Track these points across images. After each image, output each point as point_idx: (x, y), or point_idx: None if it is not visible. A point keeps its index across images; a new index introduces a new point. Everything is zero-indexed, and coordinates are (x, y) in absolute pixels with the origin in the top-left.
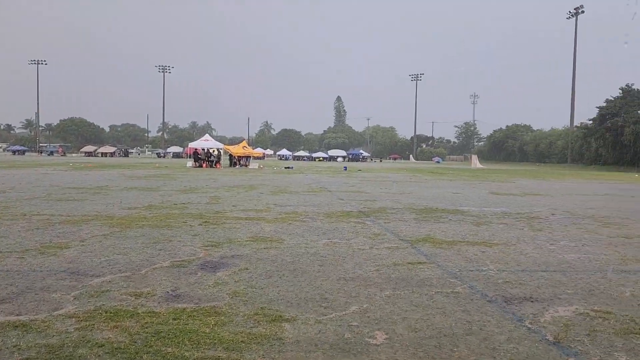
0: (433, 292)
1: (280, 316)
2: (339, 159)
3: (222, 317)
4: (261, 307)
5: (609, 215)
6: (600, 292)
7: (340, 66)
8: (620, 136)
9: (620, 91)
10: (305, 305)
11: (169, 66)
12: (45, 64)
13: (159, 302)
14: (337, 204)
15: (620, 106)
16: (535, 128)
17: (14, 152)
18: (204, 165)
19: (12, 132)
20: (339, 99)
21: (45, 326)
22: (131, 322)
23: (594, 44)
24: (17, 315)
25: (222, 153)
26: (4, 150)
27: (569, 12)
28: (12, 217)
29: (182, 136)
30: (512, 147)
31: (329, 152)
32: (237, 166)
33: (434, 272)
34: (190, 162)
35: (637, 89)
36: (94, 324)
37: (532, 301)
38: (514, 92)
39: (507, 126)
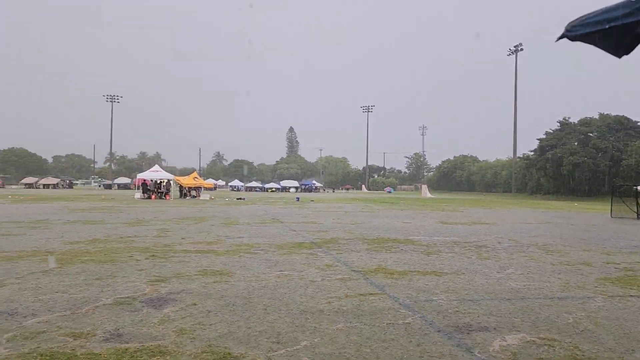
0: (385, 324)
1: (229, 353)
2: (292, 190)
3: (167, 357)
4: (209, 345)
5: (551, 242)
6: (546, 319)
7: (292, 98)
8: (559, 167)
9: (558, 124)
10: (255, 341)
11: (117, 96)
12: None
13: (99, 343)
14: (289, 235)
15: (558, 138)
16: (481, 159)
17: None
18: (153, 196)
19: None
20: (291, 129)
21: None
22: None
23: (534, 79)
24: None
25: (172, 184)
26: None
27: (510, 49)
28: None
29: (130, 167)
30: (460, 177)
31: (281, 182)
32: (188, 197)
33: (386, 303)
34: (138, 194)
35: (573, 122)
36: None
37: (481, 330)
38: (462, 125)
39: (454, 157)
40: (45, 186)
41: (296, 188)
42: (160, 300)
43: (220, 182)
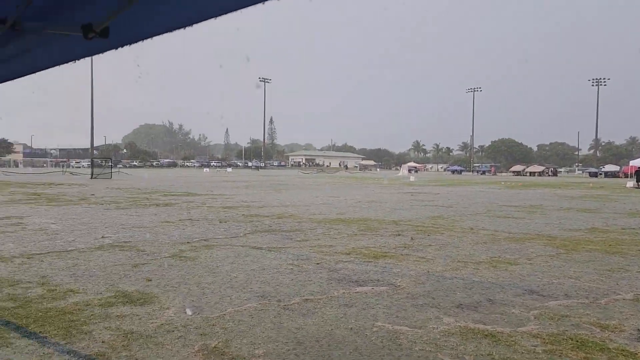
0: None
1: None
2: None
3: None
4: None
5: None
6: None
7: None
8: None
9: None
10: None
11: (603, 79)
12: (481, 90)
13: (630, 340)
14: None
15: None
16: None
17: (452, 171)
18: None
19: (450, 154)
20: None
21: (512, 341)
22: (602, 356)
23: None
24: (484, 324)
25: None
26: (444, 169)
27: None
28: (462, 229)
29: (618, 153)
30: None
31: None
32: None
33: None
34: (631, 182)
35: None
36: (560, 350)
37: None
38: None
39: None
40: (531, 173)
41: None
42: None
43: None
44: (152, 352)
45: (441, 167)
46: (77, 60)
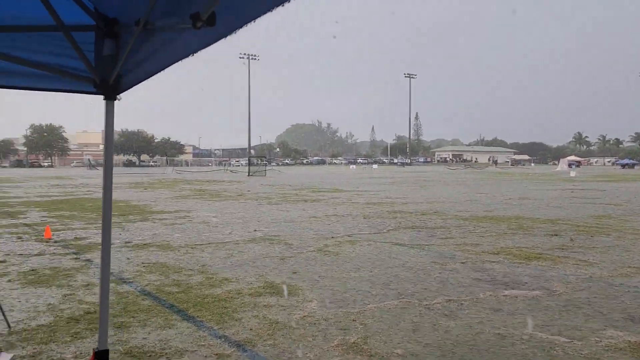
0: None
1: None
2: None
3: None
4: None
5: None
6: None
7: None
8: None
9: None
10: None
11: None
12: None
13: None
14: None
15: None
16: None
17: (622, 165)
18: None
19: (620, 146)
20: None
21: None
22: None
23: None
24: None
25: None
26: (612, 163)
27: None
28: (634, 230)
29: None
30: None
31: None
32: None
33: None
34: None
35: None
36: None
37: None
38: None
39: None
40: None
41: None
42: None
43: None
44: (294, 343)
45: (608, 161)
46: (194, 54)
